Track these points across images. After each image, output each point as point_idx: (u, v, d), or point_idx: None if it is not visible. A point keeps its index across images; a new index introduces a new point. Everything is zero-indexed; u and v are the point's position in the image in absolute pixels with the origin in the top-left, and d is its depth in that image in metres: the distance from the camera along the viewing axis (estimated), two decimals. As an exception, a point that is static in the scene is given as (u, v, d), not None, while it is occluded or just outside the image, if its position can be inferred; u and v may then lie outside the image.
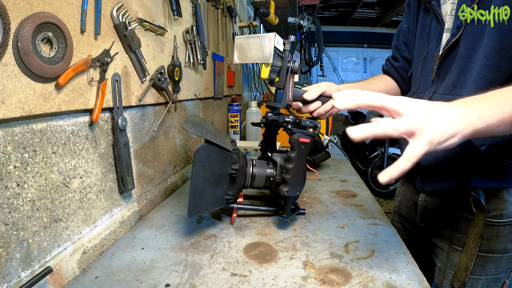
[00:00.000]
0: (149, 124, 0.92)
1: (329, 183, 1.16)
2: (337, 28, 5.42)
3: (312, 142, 0.74)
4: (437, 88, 0.77)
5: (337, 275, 0.59)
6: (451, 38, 0.72)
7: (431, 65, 0.79)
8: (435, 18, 0.78)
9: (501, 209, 0.73)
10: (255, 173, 0.80)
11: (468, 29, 0.69)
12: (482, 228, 0.72)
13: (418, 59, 0.85)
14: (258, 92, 2.44)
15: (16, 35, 0.47)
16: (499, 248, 0.75)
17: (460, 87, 0.72)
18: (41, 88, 0.52)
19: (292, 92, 0.78)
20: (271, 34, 0.71)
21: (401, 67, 0.99)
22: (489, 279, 0.77)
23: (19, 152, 0.50)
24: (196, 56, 1.15)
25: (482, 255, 0.75)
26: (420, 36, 0.85)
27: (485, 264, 0.76)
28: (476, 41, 0.69)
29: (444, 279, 0.82)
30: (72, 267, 0.62)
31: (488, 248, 0.75)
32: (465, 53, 0.71)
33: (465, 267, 0.76)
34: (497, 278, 0.77)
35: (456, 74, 0.73)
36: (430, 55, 0.80)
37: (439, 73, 0.77)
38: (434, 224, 0.85)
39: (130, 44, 0.74)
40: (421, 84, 0.83)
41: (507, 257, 0.76)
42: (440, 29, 0.77)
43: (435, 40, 0.78)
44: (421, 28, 0.85)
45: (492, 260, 0.76)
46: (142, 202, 0.88)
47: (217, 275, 0.60)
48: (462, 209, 0.77)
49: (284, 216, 0.78)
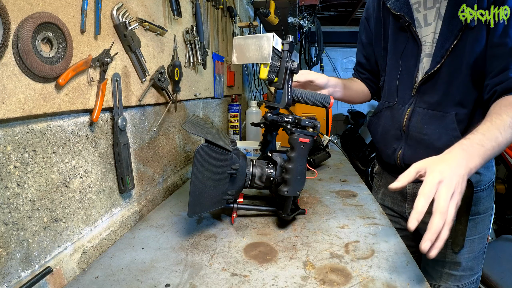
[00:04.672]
0: (149, 124, 0.92)
1: (329, 183, 1.16)
2: (337, 28, 5.41)
3: (311, 142, 0.74)
4: (417, 102, 0.89)
5: (337, 275, 0.59)
6: (434, 65, 0.83)
7: (410, 82, 0.90)
8: (413, 40, 0.87)
9: (480, 180, 0.89)
10: (255, 173, 0.80)
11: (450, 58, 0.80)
12: (471, 199, 0.85)
13: (393, 74, 0.96)
14: (258, 92, 2.44)
15: (16, 35, 0.47)
16: (483, 209, 0.91)
17: (445, 105, 0.84)
18: (41, 88, 0.52)
19: (291, 92, 0.78)
20: (270, 34, 0.71)
21: (367, 78, 1.15)
22: (481, 236, 0.92)
23: (19, 152, 0.50)
24: (196, 56, 1.15)
25: (472, 218, 0.89)
26: (393, 52, 0.95)
27: (476, 225, 0.91)
28: (456, 69, 0.80)
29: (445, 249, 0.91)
30: (72, 267, 0.62)
31: (476, 211, 0.90)
32: (446, 79, 0.82)
33: (461, 233, 0.87)
34: (484, 234, 0.93)
35: (439, 96, 0.84)
36: (407, 72, 0.91)
37: (419, 90, 0.88)
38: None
39: (130, 44, 0.74)
40: (399, 98, 0.95)
41: (488, 214, 0.93)
42: (417, 50, 0.87)
43: (413, 60, 0.88)
44: (392, 44, 0.95)
45: (481, 219, 0.92)
46: (142, 202, 0.88)
47: (217, 275, 0.60)
48: None
49: (284, 216, 0.78)
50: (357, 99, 1.15)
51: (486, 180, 0.91)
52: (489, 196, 0.92)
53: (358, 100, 1.16)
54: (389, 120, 0.97)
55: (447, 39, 0.79)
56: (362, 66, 1.13)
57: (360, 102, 1.17)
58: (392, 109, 0.96)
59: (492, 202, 0.94)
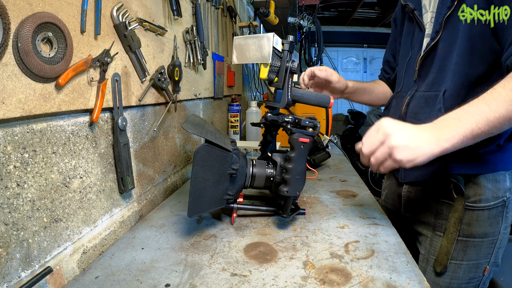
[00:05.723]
0: (149, 124, 0.92)
1: (329, 183, 1.16)
2: (337, 28, 5.41)
3: (311, 142, 0.74)
4: (418, 87, 0.85)
5: (337, 275, 0.59)
6: (430, 42, 0.80)
7: (413, 68, 0.87)
8: (418, 26, 0.86)
9: (480, 194, 0.77)
10: (255, 173, 0.80)
11: (445, 33, 0.77)
12: (461, 213, 0.76)
13: (402, 63, 0.94)
14: (258, 92, 2.44)
15: (16, 35, 0.47)
16: (479, 233, 0.78)
17: (438, 84, 0.78)
18: (41, 88, 0.52)
19: (291, 92, 0.78)
20: (270, 34, 0.71)
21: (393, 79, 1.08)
22: (471, 264, 0.80)
23: (19, 152, 0.50)
24: (196, 56, 1.15)
25: (463, 239, 0.79)
26: (405, 43, 0.94)
27: (466, 249, 0.79)
28: (451, 43, 0.76)
29: (427, 265, 0.86)
30: (72, 267, 0.62)
31: (468, 232, 0.78)
32: (442, 54, 0.78)
33: (446, 251, 0.79)
34: (478, 263, 0.80)
35: (435, 73, 0.80)
36: (413, 58, 0.88)
37: (420, 73, 0.85)
38: (417, 212, 0.90)
39: (130, 44, 0.74)
40: (404, 85, 0.91)
41: (487, 242, 0.79)
42: (422, 35, 0.85)
43: (418, 45, 0.86)
44: (405, 36, 0.94)
45: (473, 244, 0.79)
46: (142, 202, 0.88)
47: (217, 275, 0.60)
48: (444, 196, 0.82)
49: (284, 216, 0.78)
50: (379, 103, 1.11)
51: (490, 196, 0.77)
52: (495, 219, 0.78)
53: (380, 103, 1.11)
54: (394, 109, 0.94)
55: (440, 12, 0.77)
56: (389, 64, 1.10)
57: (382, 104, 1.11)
58: (397, 98, 0.94)
59: (499, 227, 0.78)
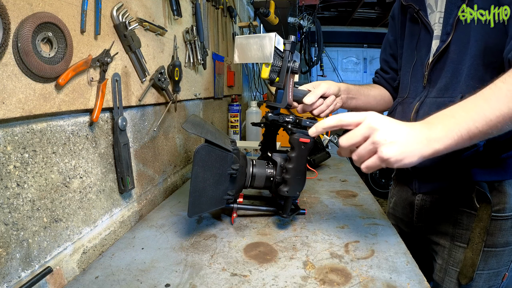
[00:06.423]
0: (149, 124, 0.92)
1: (329, 183, 1.16)
2: (337, 28, 5.42)
3: (312, 142, 0.74)
4: (428, 93, 0.79)
5: (337, 275, 0.59)
6: (441, 45, 0.75)
7: (421, 72, 0.82)
8: (424, 27, 0.81)
9: (504, 203, 0.73)
10: (255, 173, 0.80)
11: (457, 34, 0.72)
12: (487, 223, 0.72)
13: (407, 67, 0.88)
14: (258, 92, 2.44)
15: (16, 35, 0.47)
16: (501, 242, 0.75)
17: (453, 89, 0.73)
18: (41, 88, 0.52)
19: (292, 92, 0.78)
20: (272, 34, 0.71)
21: (391, 78, 1.03)
22: (491, 273, 0.78)
23: (19, 152, 0.50)
24: (196, 56, 1.15)
25: (485, 249, 0.75)
26: (409, 46, 0.88)
27: (488, 259, 0.76)
28: (465, 44, 0.71)
29: (445, 276, 0.82)
30: (72, 267, 0.61)
31: (491, 242, 0.75)
32: (455, 57, 0.73)
33: (471, 263, 0.75)
34: (498, 271, 0.78)
35: (448, 78, 0.74)
36: (420, 62, 0.83)
37: (430, 79, 0.79)
38: (433, 222, 0.85)
39: (130, 44, 0.74)
40: (411, 91, 0.86)
41: (508, 250, 0.76)
42: (429, 38, 0.79)
43: (425, 48, 0.81)
44: (409, 38, 0.88)
45: (495, 254, 0.76)
46: (142, 202, 0.88)
47: (217, 275, 0.60)
48: (464, 205, 0.77)
49: (284, 216, 0.78)
50: (377, 106, 1.03)
51: None
52: None
53: (378, 108, 1.03)
54: (400, 116, 0.88)
55: (451, 13, 0.72)
56: (388, 64, 1.03)
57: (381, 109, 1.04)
58: (403, 104, 0.88)
59: None
